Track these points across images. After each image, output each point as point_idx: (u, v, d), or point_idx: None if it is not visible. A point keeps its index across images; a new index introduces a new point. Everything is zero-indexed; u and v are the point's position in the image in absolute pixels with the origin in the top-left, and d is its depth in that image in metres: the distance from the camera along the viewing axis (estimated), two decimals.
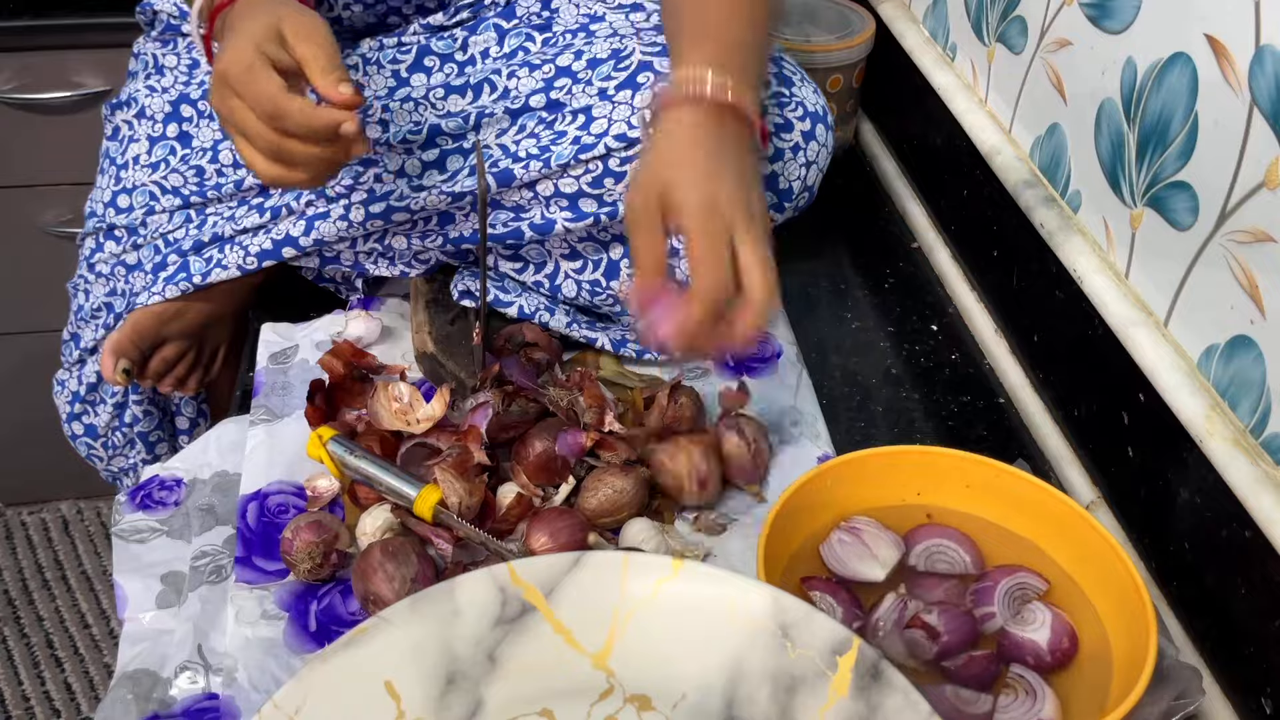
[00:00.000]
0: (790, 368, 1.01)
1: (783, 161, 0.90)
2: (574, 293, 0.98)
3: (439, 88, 0.96)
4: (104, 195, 1.03)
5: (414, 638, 0.66)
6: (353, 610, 0.80)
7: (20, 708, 1.57)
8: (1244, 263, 0.75)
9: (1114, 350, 0.86)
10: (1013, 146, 1.05)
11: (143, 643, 0.80)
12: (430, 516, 0.81)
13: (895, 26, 1.29)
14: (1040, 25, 1.00)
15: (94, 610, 1.69)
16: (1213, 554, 0.78)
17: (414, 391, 0.90)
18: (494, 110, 0.94)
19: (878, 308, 1.16)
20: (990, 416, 1.03)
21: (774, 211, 0.92)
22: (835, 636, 0.65)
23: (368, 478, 0.84)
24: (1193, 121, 0.78)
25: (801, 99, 0.90)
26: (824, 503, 0.82)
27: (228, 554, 0.84)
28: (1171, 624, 0.82)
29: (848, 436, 0.98)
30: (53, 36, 1.36)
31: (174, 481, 0.91)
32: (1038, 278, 0.99)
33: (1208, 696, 0.77)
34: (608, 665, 0.67)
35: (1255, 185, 0.73)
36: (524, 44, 0.98)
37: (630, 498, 0.84)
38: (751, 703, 0.65)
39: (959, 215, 1.17)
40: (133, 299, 1.02)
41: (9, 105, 1.39)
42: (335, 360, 0.92)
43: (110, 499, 1.43)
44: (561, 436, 0.87)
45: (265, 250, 0.97)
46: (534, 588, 0.68)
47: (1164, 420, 0.80)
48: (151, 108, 1.02)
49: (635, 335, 0.99)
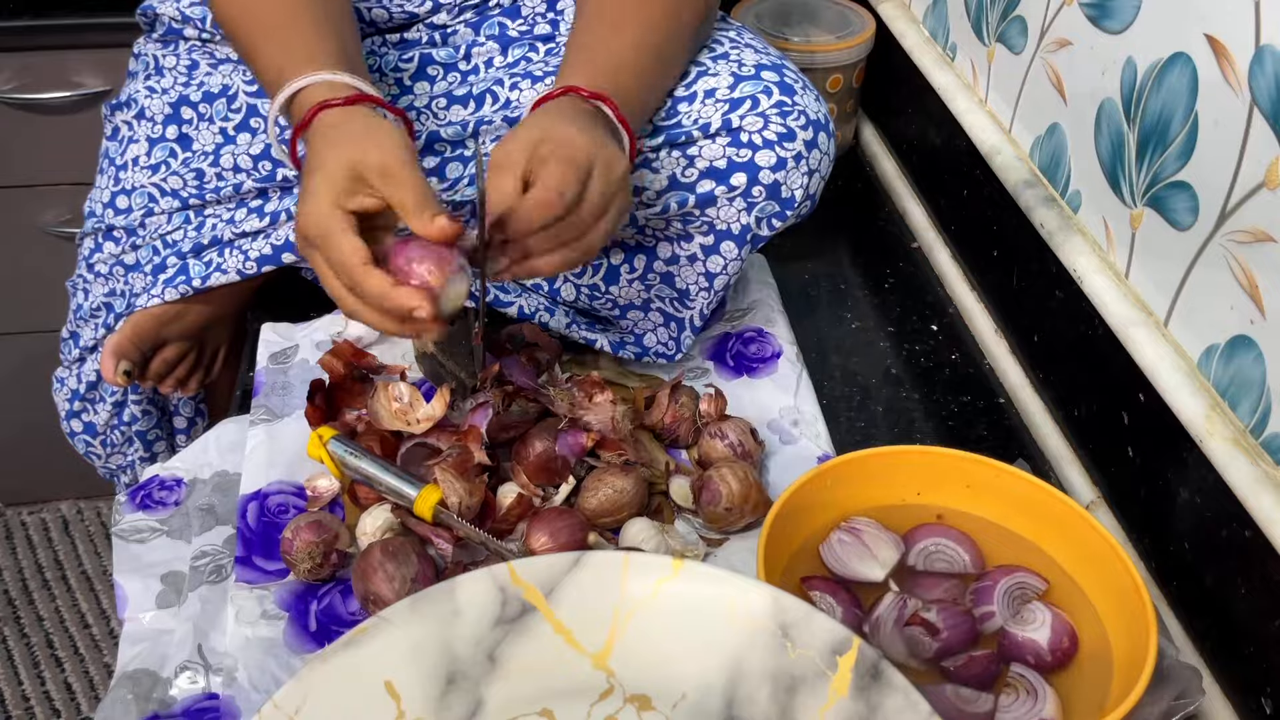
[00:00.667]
0: (790, 368, 1.01)
1: (785, 170, 0.90)
2: (572, 296, 0.98)
3: (441, 96, 0.96)
4: (103, 195, 1.03)
5: (414, 638, 0.66)
6: (353, 610, 0.80)
7: (20, 708, 1.57)
8: (1244, 263, 0.74)
9: (1114, 350, 0.86)
10: (1013, 146, 1.05)
11: (143, 643, 0.80)
12: (430, 516, 0.81)
13: (895, 26, 1.29)
14: (1040, 25, 1.00)
15: (94, 610, 1.68)
16: (1213, 554, 0.78)
17: (414, 391, 0.90)
18: (493, 119, 0.94)
19: (878, 308, 1.16)
20: (990, 416, 1.03)
21: (776, 219, 0.92)
22: (835, 636, 0.65)
23: (368, 478, 0.84)
24: (1193, 121, 0.78)
25: (804, 107, 0.90)
26: (824, 503, 0.82)
27: (228, 554, 0.84)
28: (1171, 624, 0.82)
29: (848, 436, 0.98)
30: (53, 36, 1.36)
31: (174, 481, 0.91)
32: (1038, 278, 0.99)
33: (1208, 696, 0.77)
34: (608, 665, 0.67)
35: (1255, 185, 0.73)
36: (527, 54, 0.98)
37: (630, 498, 0.84)
38: (751, 703, 0.65)
39: (959, 215, 1.17)
40: (132, 300, 1.02)
41: (9, 105, 1.39)
42: (335, 360, 0.92)
43: (110, 499, 1.43)
44: (562, 436, 0.87)
45: (265, 255, 0.97)
46: (534, 588, 0.68)
47: (1164, 420, 0.80)
48: (151, 109, 1.01)
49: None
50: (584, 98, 0.81)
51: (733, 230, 0.92)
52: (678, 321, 0.98)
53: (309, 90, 0.79)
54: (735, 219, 0.92)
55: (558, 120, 0.77)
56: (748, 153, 0.89)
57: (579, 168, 0.74)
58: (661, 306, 0.98)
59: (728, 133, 0.90)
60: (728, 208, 0.91)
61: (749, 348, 1.04)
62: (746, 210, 0.91)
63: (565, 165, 0.74)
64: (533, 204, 0.73)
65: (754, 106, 0.90)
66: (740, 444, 0.89)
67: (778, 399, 0.98)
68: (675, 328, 0.99)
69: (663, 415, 0.92)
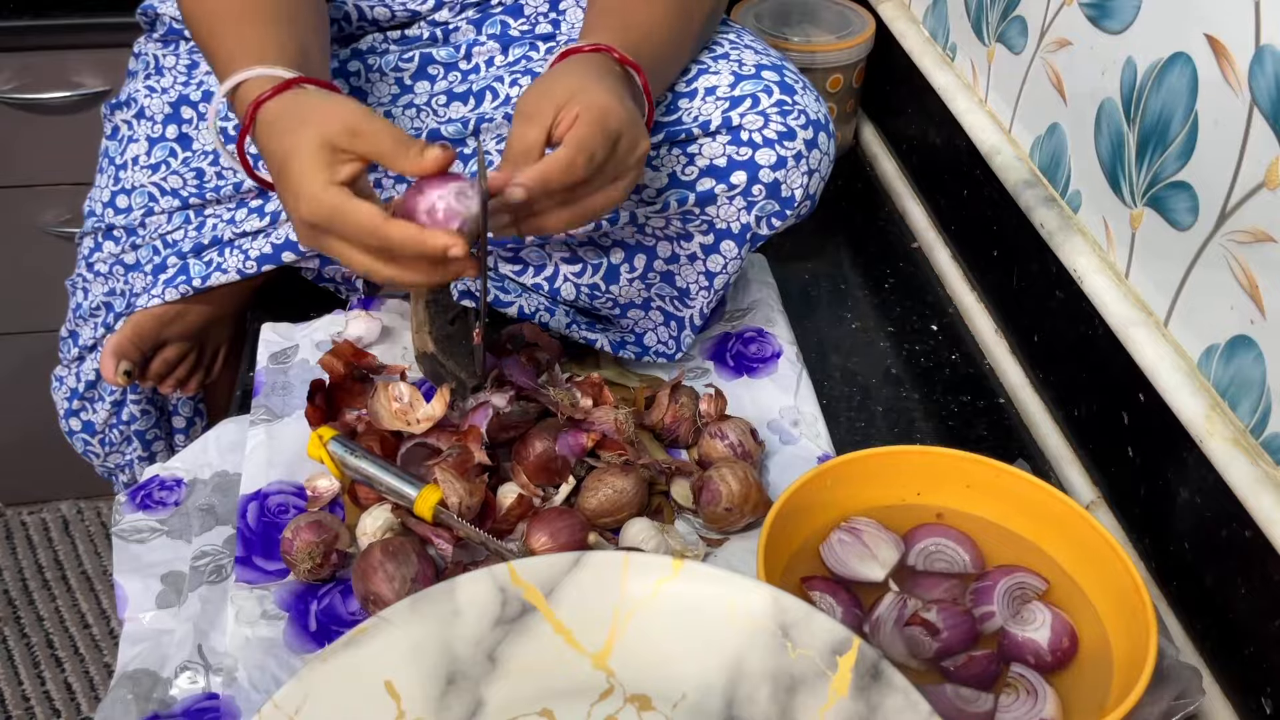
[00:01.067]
0: (790, 368, 1.01)
1: (785, 169, 0.90)
2: (573, 295, 0.98)
3: (441, 94, 0.96)
4: (103, 195, 1.03)
5: (414, 638, 0.66)
6: (353, 610, 0.80)
7: (20, 708, 1.57)
8: (1244, 263, 0.74)
9: (1114, 350, 0.86)
10: (1013, 146, 1.05)
11: (143, 643, 0.80)
12: (430, 516, 0.81)
13: (895, 26, 1.29)
14: (1040, 25, 1.00)
15: (94, 610, 1.69)
16: (1213, 554, 0.78)
17: (414, 391, 0.90)
18: (494, 116, 0.94)
19: (878, 308, 1.16)
20: (990, 416, 1.03)
21: (776, 219, 0.92)
22: (835, 636, 0.65)
23: (368, 478, 0.84)
24: (1193, 121, 0.78)
25: (804, 107, 0.90)
26: (824, 503, 0.82)
27: (228, 554, 0.84)
28: (1171, 624, 0.82)
29: (848, 436, 0.99)
30: (53, 36, 1.36)
31: (174, 481, 0.91)
32: (1038, 278, 0.99)
33: (1208, 696, 0.77)
34: (608, 665, 0.67)
35: (1255, 185, 0.73)
36: (528, 53, 0.98)
37: (630, 498, 0.84)
38: (751, 703, 0.65)
39: (959, 215, 1.17)
40: (132, 299, 1.02)
41: (9, 105, 1.39)
42: (336, 360, 0.92)
43: (110, 499, 1.43)
44: (562, 437, 0.87)
45: (265, 255, 0.97)
46: (534, 588, 0.68)
47: (1164, 420, 0.80)
48: (151, 108, 1.01)
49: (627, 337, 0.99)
50: (616, 59, 0.79)
51: (733, 229, 0.92)
52: (678, 321, 0.98)
53: (245, 87, 0.77)
54: (735, 218, 0.92)
55: (591, 79, 0.76)
56: (748, 151, 0.89)
57: (610, 137, 0.73)
58: (661, 305, 0.98)
59: (728, 130, 0.90)
60: (728, 206, 0.91)
61: (749, 348, 1.04)
62: (746, 209, 0.91)
63: (597, 129, 0.72)
64: (559, 163, 0.72)
65: (754, 105, 0.90)
66: (740, 444, 0.89)
67: (778, 399, 0.98)
68: (675, 327, 0.99)
69: (663, 415, 0.92)
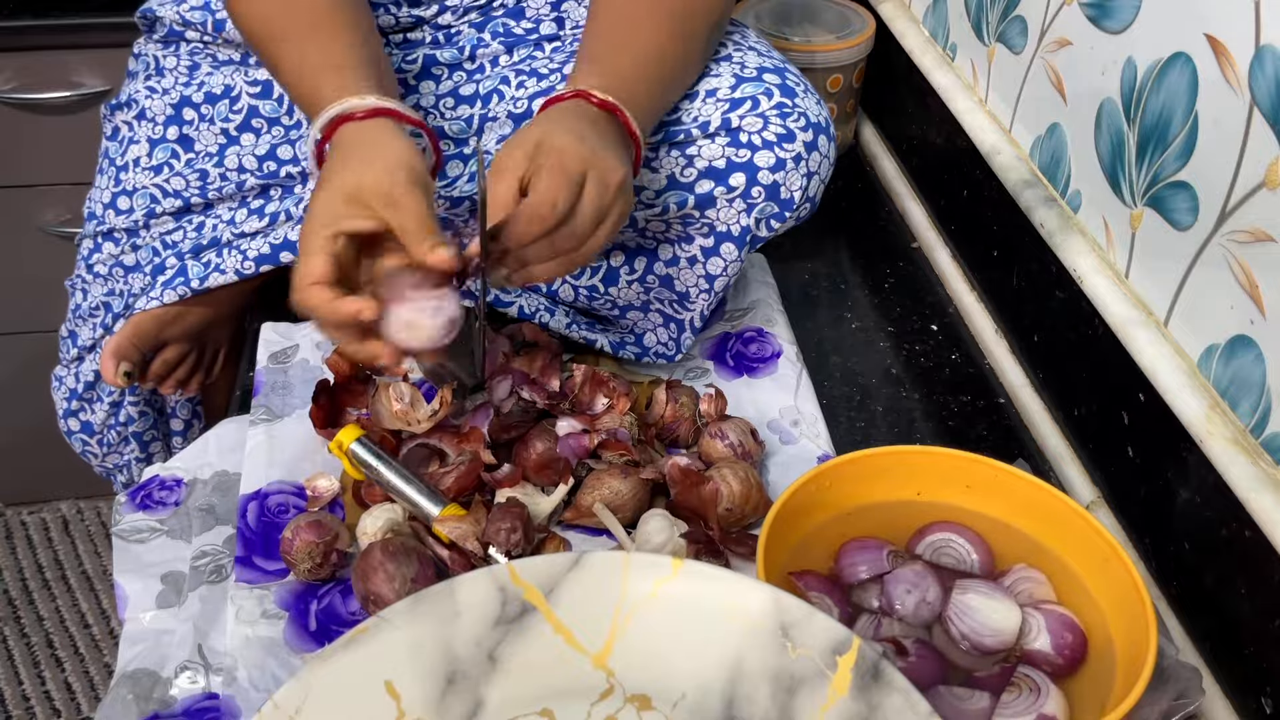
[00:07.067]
0: (790, 367, 1.01)
1: (785, 172, 0.90)
2: (571, 297, 0.98)
3: (448, 95, 0.96)
4: (103, 196, 1.03)
5: (414, 638, 0.66)
6: (353, 610, 0.80)
7: (20, 708, 1.57)
8: (1244, 263, 0.75)
9: (1114, 350, 0.86)
10: (1013, 146, 1.05)
11: (143, 643, 0.80)
12: (447, 538, 0.81)
13: (895, 26, 1.29)
14: (1040, 25, 1.00)
15: (94, 610, 1.68)
16: (1213, 554, 0.78)
17: (415, 392, 0.90)
18: (498, 115, 0.94)
19: (878, 308, 1.16)
20: (990, 416, 1.03)
21: (775, 221, 0.92)
22: (835, 636, 0.65)
23: (388, 486, 0.83)
24: (1193, 121, 0.78)
25: (804, 109, 0.90)
26: (824, 503, 0.82)
27: (228, 554, 0.84)
28: (1171, 624, 0.82)
29: (848, 436, 0.98)
30: (53, 36, 1.36)
31: (174, 481, 0.91)
32: (1038, 278, 0.99)
33: (1208, 696, 0.77)
34: (608, 665, 0.67)
35: (1255, 185, 0.73)
36: (532, 53, 0.98)
37: (626, 499, 0.84)
38: (751, 702, 0.65)
39: (959, 215, 1.17)
40: (131, 300, 1.02)
41: (9, 105, 1.39)
42: (341, 359, 0.92)
43: (110, 499, 1.43)
44: (563, 438, 0.87)
45: (263, 255, 0.97)
46: (534, 587, 0.68)
47: (1164, 420, 0.80)
48: (152, 109, 1.01)
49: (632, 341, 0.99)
50: (593, 104, 0.80)
51: (732, 232, 0.92)
52: (677, 323, 0.98)
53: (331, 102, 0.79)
54: (735, 220, 0.92)
55: (557, 127, 0.77)
56: (747, 153, 0.89)
57: (571, 178, 0.74)
58: (661, 308, 0.98)
59: (727, 132, 0.90)
60: (727, 209, 0.91)
61: (749, 348, 1.04)
62: (746, 211, 0.91)
63: (557, 176, 0.74)
64: (525, 215, 0.73)
65: (754, 107, 0.90)
66: (740, 444, 0.89)
67: (778, 399, 0.98)
68: (675, 328, 0.99)
69: (662, 414, 0.92)
